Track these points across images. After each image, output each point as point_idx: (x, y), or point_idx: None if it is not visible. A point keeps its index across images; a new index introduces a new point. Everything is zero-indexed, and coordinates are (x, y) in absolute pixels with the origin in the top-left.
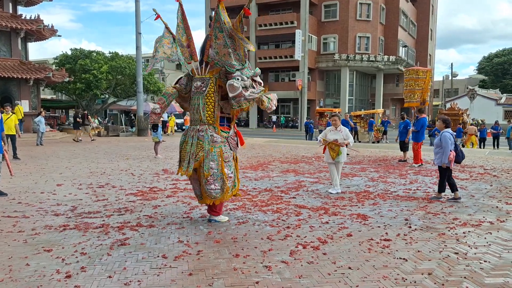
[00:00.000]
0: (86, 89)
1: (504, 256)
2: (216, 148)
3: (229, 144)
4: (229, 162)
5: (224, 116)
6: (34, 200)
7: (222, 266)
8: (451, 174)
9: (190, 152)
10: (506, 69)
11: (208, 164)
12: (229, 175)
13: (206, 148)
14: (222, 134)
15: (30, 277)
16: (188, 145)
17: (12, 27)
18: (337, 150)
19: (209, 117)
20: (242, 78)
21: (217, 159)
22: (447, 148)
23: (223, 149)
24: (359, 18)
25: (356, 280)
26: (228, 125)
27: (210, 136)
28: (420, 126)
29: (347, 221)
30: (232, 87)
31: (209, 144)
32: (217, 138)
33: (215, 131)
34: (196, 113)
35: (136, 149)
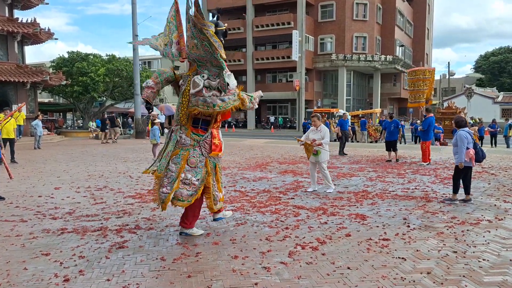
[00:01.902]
0: (83, 92)
1: (502, 254)
2: (183, 151)
3: (200, 148)
4: (196, 168)
5: (200, 118)
6: (32, 204)
7: (221, 268)
8: (471, 174)
9: (166, 152)
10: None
11: (170, 165)
12: (191, 181)
13: (174, 150)
14: (192, 137)
15: (28, 281)
16: (165, 145)
17: (9, 30)
18: (311, 149)
19: (183, 117)
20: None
21: (180, 162)
22: (462, 147)
23: (191, 153)
24: (356, 18)
25: (355, 280)
26: (204, 129)
27: (179, 137)
28: (427, 125)
29: (345, 221)
30: (194, 83)
31: (175, 146)
32: (185, 140)
33: (185, 133)
34: (176, 113)
35: (134, 152)
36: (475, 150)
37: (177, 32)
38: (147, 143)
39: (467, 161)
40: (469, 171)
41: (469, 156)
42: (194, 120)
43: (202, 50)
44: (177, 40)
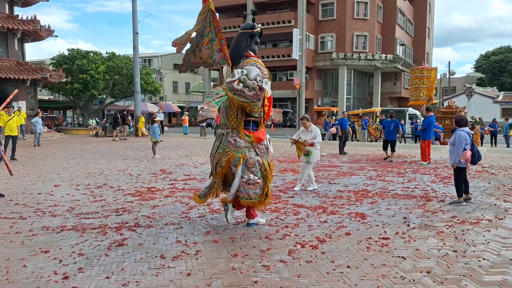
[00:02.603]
0: (83, 90)
1: (502, 254)
2: (239, 153)
3: (254, 149)
4: (254, 168)
5: (251, 120)
6: (32, 201)
7: (220, 266)
8: (466, 175)
9: (214, 156)
10: (504, 67)
11: (231, 169)
12: (255, 181)
13: (229, 152)
14: (246, 139)
15: (27, 278)
16: (213, 149)
17: (9, 27)
18: (303, 148)
19: (233, 120)
20: (248, 74)
21: (238, 164)
22: (459, 147)
23: (247, 155)
24: (357, 16)
25: (355, 279)
26: (255, 129)
27: (233, 140)
28: (427, 124)
29: (345, 220)
30: (232, 74)
31: (233, 148)
32: (240, 143)
33: (239, 135)
34: (223, 117)
35: (134, 149)
36: (472, 152)
37: (217, 39)
38: (147, 141)
39: (462, 162)
40: (463, 172)
41: (465, 158)
42: (245, 122)
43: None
44: (219, 48)
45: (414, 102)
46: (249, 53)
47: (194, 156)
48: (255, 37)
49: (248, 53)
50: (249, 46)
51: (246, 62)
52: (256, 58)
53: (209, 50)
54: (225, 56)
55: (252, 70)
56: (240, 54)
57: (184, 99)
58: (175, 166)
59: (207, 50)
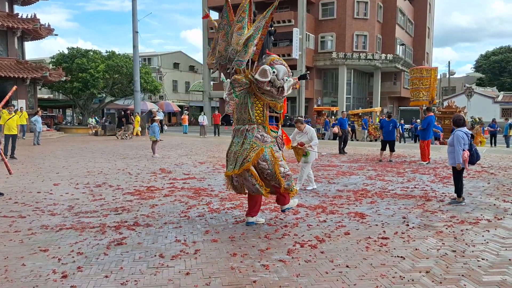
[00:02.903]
0: (83, 88)
1: (501, 254)
2: (267, 148)
3: (277, 143)
4: (282, 161)
5: (273, 115)
6: (31, 200)
7: (219, 265)
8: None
9: (234, 151)
10: (503, 67)
11: (260, 164)
12: (286, 173)
13: (257, 148)
14: (272, 134)
15: (26, 277)
16: (234, 145)
17: (9, 26)
18: (301, 152)
19: (258, 116)
20: (278, 74)
21: (269, 158)
22: (457, 148)
23: (274, 149)
24: (357, 16)
25: (353, 279)
26: (276, 125)
27: (261, 135)
28: (426, 124)
29: (344, 220)
30: (264, 73)
31: (260, 144)
32: (267, 138)
33: (265, 131)
34: (244, 113)
35: (133, 148)
36: (470, 152)
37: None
38: (146, 139)
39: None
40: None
41: (462, 158)
42: (269, 118)
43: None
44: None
45: (415, 102)
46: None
47: (193, 156)
48: (272, 35)
49: (268, 51)
50: (268, 44)
51: (272, 59)
52: (276, 56)
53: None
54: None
55: (281, 70)
56: (263, 51)
57: (183, 98)
58: (175, 165)
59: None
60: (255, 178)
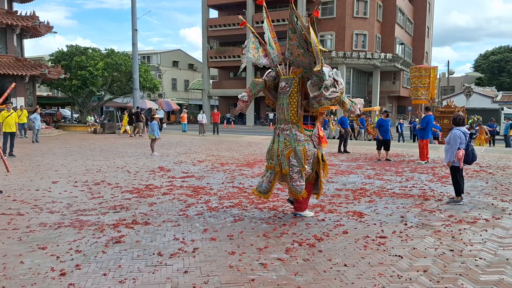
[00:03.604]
0: (82, 86)
1: (499, 253)
2: (300, 146)
3: (312, 142)
4: (310, 160)
5: (308, 115)
6: (29, 198)
7: (217, 264)
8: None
9: (274, 149)
10: (503, 66)
11: (291, 161)
12: (307, 172)
13: (291, 146)
14: (305, 133)
15: (24, 274)
16: (274, 143)
17: (8, 23)
18: None
19: (293, 116)
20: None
21: (300, 156)
22: (454, 146)
23: (306, 147)
24: (356, 15)
25: (351, 277)
26: (312, 124)
27: (294, 134)
28: (425, 123)
29: (343, 219)
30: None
31: (293, 142)
32: (300, 137)
33: (298, 130)
34: (282, 113)
35: (132, 147)
36: (466, 152)
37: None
38: (145, 138)
39: (455, 161)
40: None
41: (457, 157)
42: (304, 118)
43: (307, 59)
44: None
45: (415, 101)
46: None
47: (192, 154)
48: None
49: None
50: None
51: None
52: None
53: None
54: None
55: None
56: None
57: (183, 97)
58: (174, 163)
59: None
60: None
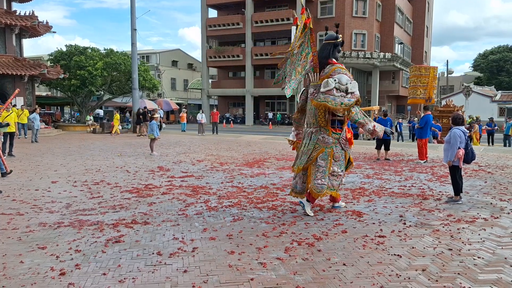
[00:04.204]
0: (81, 86)
1: (498, 253)
2: (328, 148)
3: (340, 144)
4: (339, 161)
5: (336, 119)
6: (29, 197)
7: (217, 263)
8: (460, 174)
9: (303, 151)
10: (501, 66)
11: (318, 162)
12: (338, 173)
13: (318, 148)
14: (333, 136)
15: (24, 274)
16: (303, 145)
17: (7, 23)
18: None
19: (321, 120)
20: (340, 81)
21: (327, 158)
22: (454, 146)
23: (334, 150)
24: (355, 15)
25: (350, 277)
26: (340, 127)
27: (322, 137)
28: (424, 122)
29: (342, 218)
30: (327, 83)
31: (322, 145)
32: (328, 140)
33: (326, 133)
34: (311, 117)
35: (131, 146)
36: (466, 151)
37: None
38: (144, 138)
39: (455, 160)
40: (457, 170)
41: (457, 156)
42: (332, 121)
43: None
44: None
45: (412, 100)
46: (333, 60)
47: (191, 153)
48: (338, 46)
49: (332, 61)
50: (333, 54)
51: (333, 69)
52: (340, 65)
53: (304, 63)
54: (315, 65)
55: (342, 77)
56: (325, 62)
57: (182, 96)
58: (173, 163)
59: (303, 63)
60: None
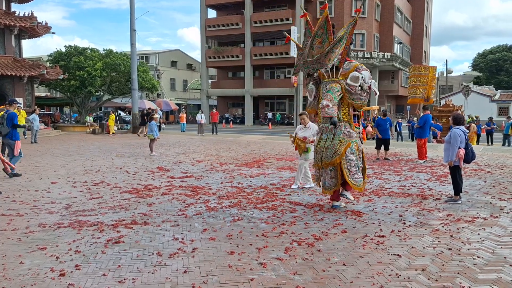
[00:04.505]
0: (80, 86)
1: (497, 252)
2: (353, 142)
3: (359, 138)
4: (360, 154)
5: (355, 114)
6: (28, 198)
7: (217, 263)
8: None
9: (325, 146)
10: (501, 65)
11: (348, 156)
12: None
13: (345, 142)
14: (356, 130)
15: (24, 275)
16: (323, 140)
17: (6, 24)
18: (303, 146)
19: (345, 115)
20: (364, 79)
21: (355, 151)
22: (455, 145)
23: (358, 143)
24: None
25: (350, 277)
26: (358, 122)
27: (348, 132)
28: (423, 122)
29: (341, 218)
30: (356, 79)
31: (347, 139)
32: (352, 134)
33: (350, 127)
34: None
35: (131, 147)
36: (466, 151)
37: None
38: (144, 138)
39: (455, 160)
40: (458, 170)
41: (458, 156)
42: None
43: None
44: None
45: (412, 99)
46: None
47: (191, 154)
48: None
49: (348, 58)
50: (349, 52)
51: (355, 66)
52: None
53: (320, 50)
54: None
55: (366, 75)
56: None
57: (181, 97)
58: (172, 163)
59: (319, 49)
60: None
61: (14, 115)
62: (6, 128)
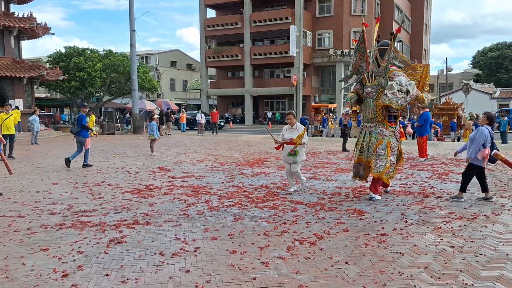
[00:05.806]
0: (80, 87)
1: (499, 249)
2: (385, 140)
3: (395, 136)
4: (394, 152)
5: (391, 114)
6: (30, 199)
7: (219, 263)
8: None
9: (366, 144)
10: (500, 63)
11: (378, 151)
12: (392, 162)
13: (377, 140)
14: (389, 129)
15: (26, 276)
16: (361, 138)
17: (5, 25)
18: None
19: (379, 115)
20: (401, 83)
21: (385, 148)
22: (478, 143)
23: (391, 141)
24: (354, 13)
25: (353, 275)
26: (394, 121)
27: (380, 130)
28: (423, 120)
29: (343, 216)
30: (392, 87)
31: (380, 137)
32: (385, 132)
33: (384, 127)
34: (369, 113)
35: (131, 147)
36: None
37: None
38: (144, 138)
39: (479, 159)
40: (481, 170)
41: (482, 155)
42: (388, 117)
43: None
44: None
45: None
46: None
47: (192, 154)
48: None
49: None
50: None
51: (391, 72)
52: (396, 68)
53: (360, 61)
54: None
55: (402, 79)
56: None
57: (181, 97)
58: (173, 163)
59: (359, 61)
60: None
61: (83, 117)
62: (76, 127)
